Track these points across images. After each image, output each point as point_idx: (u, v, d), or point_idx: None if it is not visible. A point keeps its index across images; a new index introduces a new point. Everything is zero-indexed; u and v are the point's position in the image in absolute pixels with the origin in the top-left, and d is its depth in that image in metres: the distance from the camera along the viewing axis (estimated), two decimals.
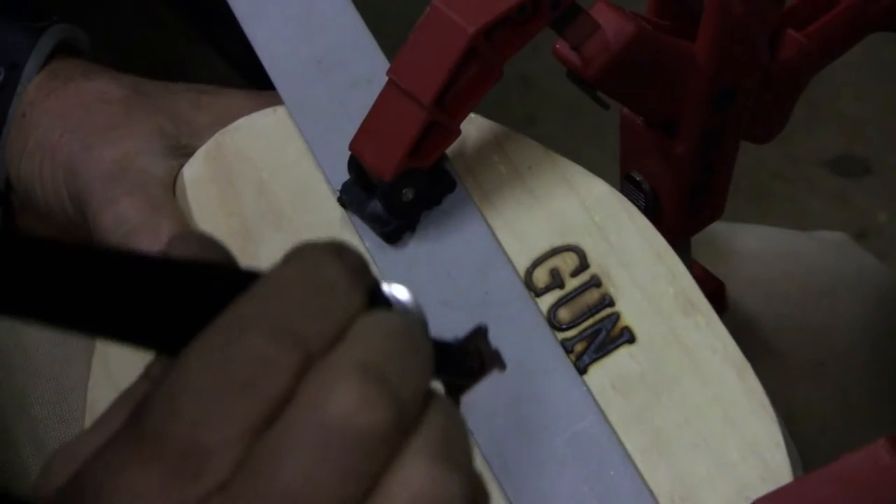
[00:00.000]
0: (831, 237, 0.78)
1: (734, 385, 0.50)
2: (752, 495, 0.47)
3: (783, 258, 0.75)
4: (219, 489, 0.34)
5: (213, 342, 0.35)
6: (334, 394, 0.34)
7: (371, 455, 0.34)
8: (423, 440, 0.35)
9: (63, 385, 0.66)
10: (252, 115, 0.61)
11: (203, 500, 0.34)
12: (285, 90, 0.61)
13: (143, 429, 0.35)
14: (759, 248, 0.76)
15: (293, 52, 0.62)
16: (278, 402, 0.34)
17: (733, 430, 0.49)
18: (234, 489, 0.34)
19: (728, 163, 0.64)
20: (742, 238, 0.76)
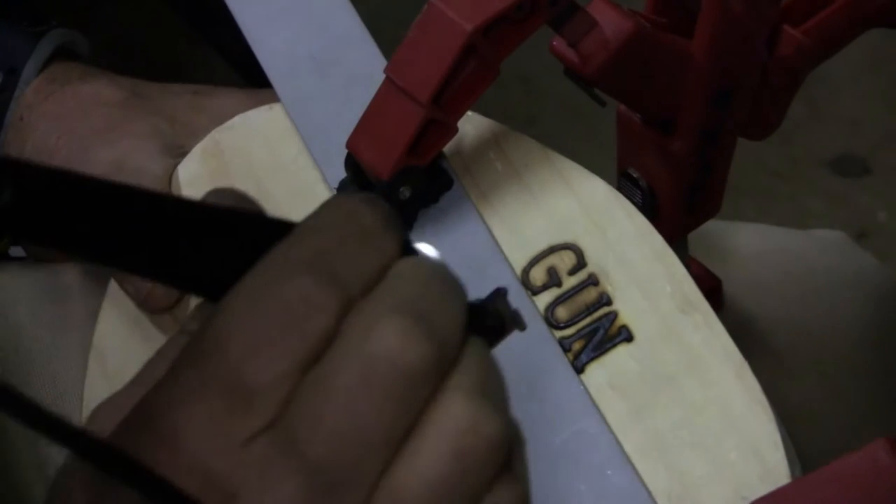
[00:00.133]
0: (830, 236, 0.78)
1: (732, 384, 0.50)
2: (750, 495, 0.47)
3: (781, 257, 0.75)
4: (267, 426, 0.35)
5: (258, 284, 0.36)
6: (377, 331, 0.35)
7: (413, 390, 0.35)
8: (462, 378, 0.36)
9: (59, 384, 0.66)
10: (248, 113, 0.61)
11: (252, 438, 0.35)
12: (282, 87, 0.61)
13: (191, 370, 0.35)
14: (758, 247, 0.75)
15: (290, 50, 0.62)
16: (323, 342, 0.35)
17: (731, 430, 0.49)
18: (281, 426, 0.35)
19: (725, 160, 0.64)
20: (740, 236, 0.76)
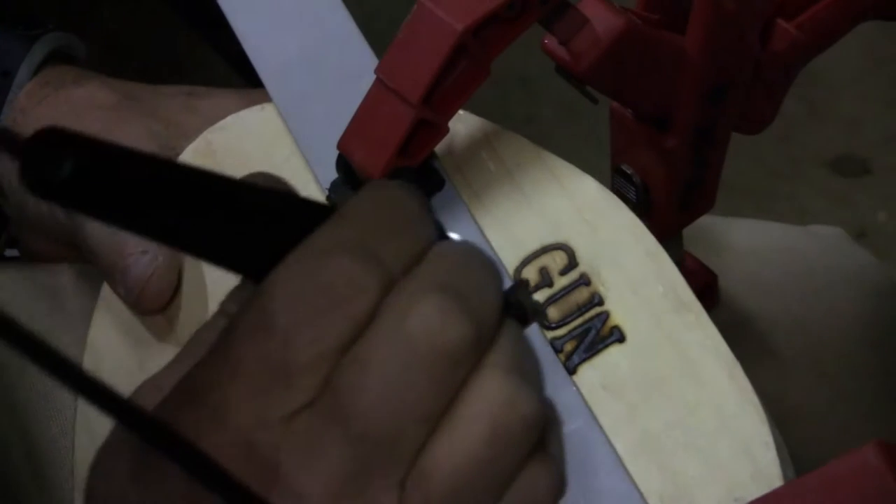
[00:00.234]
0: (827, 232, 0.78)
1: (724, 384, 0.50)
2: (743, 495, 0.47)
3: (779, 253, 0.75)
4: (309, 402, 0.35)
5: (302, 265, 0.36)
6: (417, 309, 0.36)
7: (451, 368, 0.36)
8: (499, 357, 0.37)
9: (55, 400, 0.66)
10: (241, 113, 0.61)
11: (294, 413, 0.35)
12: (274, 87, 0.61)
13: (233, 349, 0.36)
14: (755, 243, 0.75)
15: (282, 49, 0.62)
16: (364, 321, 0.36)
17: (723, 430, 0.49)
18: (323, 402, 0.35)
19: (719, 155, 0.63)
20: (737, 232, 0.76)
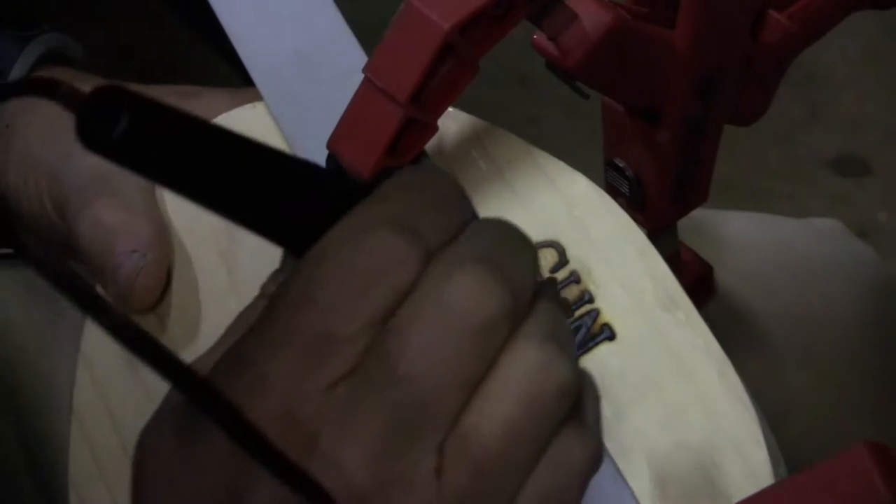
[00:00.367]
0: (824, 225, 0.78)
1: (715, 382, 0.50)
2: (734, 494, 0.47)
3: (776, 245, 0.74)
4: (349, 373, 0.36)
5: (343, 238, 0.38)
6: (455, 280, 0.37)
7: (489, 336, 0.37)
8: (534, 326, 0.38)
9: (50, 381, 0.67)
10: (231, 112, 0.61)
11: (332, 386, 0.36)
12: (264, 86, 0.61)
13: (276, 321, 0.37)
14: (752, 235, 0.75)
15: (273, 48, 0.62)
16: (404, 293, 0.37)
17: (714, 428, 0.49)
18: (362, 371, 0.36)
19: (712, 148, 0.63)
20: (733, 224, 0.76)
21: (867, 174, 1.67)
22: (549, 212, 0.55)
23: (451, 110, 0.57)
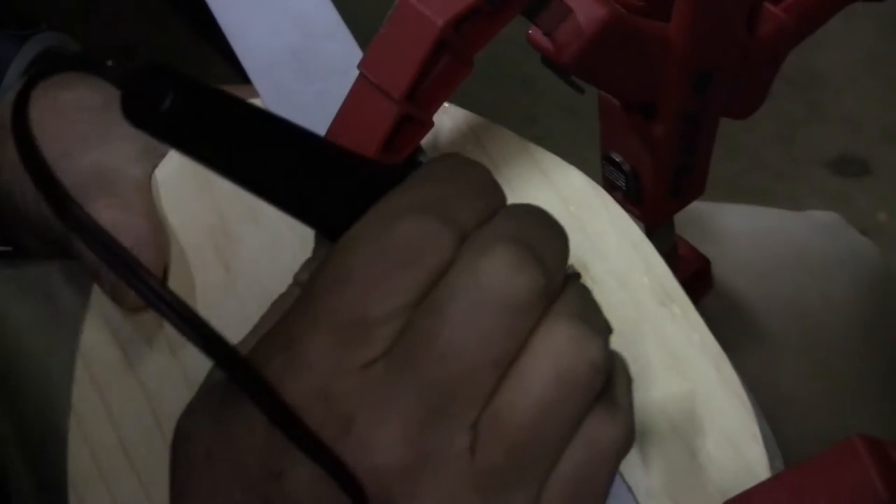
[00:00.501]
0: (822, 217, 0.77)
1: (711, 377, 0.50)
2: (729, 489, 0.47)
3: (773, 238, 0.74)
4: (384, 353, 0.37)
5: (376, 223, 0.38)
6: (488, 259, 0.37)
7: (521, 314, 0.37)
8: (565, 305, 0.39)
9: (47, 379, 0.67)
10: None
11: (368, 365, 0.37)
12: (260, 82, 0.61)
13: (313, 303, 0.38)
14: (750, 229, 0.75)
15: (268, 44, 0.62)
16: (438, 274, 0.38)
17: (710, 424, 0.49)
18: (396, 352, 0.37)
19: (708, 141, 0.63)
20: (731, 217, 0.76)
21: (867, 174, 1.67)
22: (545, 206, 0.54)
23: (446, 106, 0.57)
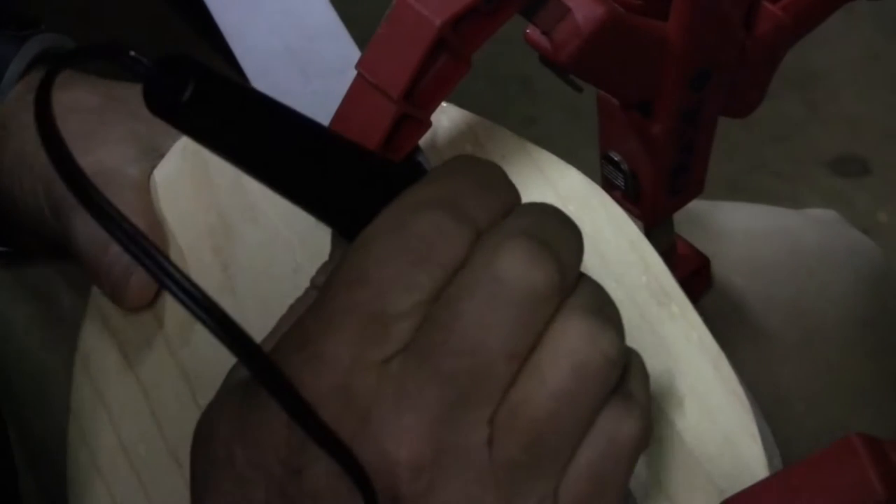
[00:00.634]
0: (821, 215, 0.77)
1: (709, 376, 0.50)
2: (727, 488, 0.47)
3: (772, 236, 0.74)
4: (402, 349, 0.37)
5: (395, 219, 0.39)
6: (504, 254, 0.38)
7: (537, 308, 0.38)
8: (580, 299, 0.39)
9: (47, 377, 0.67)
10: None
11: (386, 361, 0.37)
12: (259, 82, 0.61)
13: (331, 301, 0.38)
14: (749, 227, 0.75)
15: (266, 43, 0.62)
16: (454, 270, 0.38)
17: (708, 423, 0.49)
18: (413, 348, 0.37)
19: (706, 140, 0.63)
20: (730, 215, 0.76)
21: (867, 174, 1.67)
22: None
23: (444, 105, 0.57)
